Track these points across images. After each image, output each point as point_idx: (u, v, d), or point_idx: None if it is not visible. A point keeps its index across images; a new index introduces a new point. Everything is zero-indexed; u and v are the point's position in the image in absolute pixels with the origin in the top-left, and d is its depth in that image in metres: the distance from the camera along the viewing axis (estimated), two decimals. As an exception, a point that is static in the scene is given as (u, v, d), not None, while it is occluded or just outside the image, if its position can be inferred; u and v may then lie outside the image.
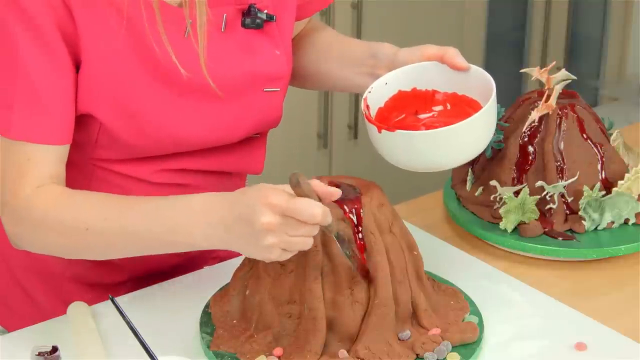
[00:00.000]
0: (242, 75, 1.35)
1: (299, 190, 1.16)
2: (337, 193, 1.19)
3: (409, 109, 1.39)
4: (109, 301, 1.36)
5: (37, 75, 1.25)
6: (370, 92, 1.36)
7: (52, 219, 1.26)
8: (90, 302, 1.39)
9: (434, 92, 1.38)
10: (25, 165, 1.26)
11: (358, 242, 1.24)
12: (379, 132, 1.30)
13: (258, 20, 1.34)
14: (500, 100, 1.37)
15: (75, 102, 1.29)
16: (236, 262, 1.36)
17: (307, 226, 1.15)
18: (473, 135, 1.30)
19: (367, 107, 1.35)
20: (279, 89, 1.39)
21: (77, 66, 1.29)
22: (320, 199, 1.17)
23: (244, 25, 1.34)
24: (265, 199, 1.15)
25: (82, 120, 1.32)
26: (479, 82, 1.34)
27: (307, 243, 1.17)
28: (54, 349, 1.24)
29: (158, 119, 1.32)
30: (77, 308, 1.34)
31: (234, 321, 1.30)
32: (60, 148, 1.29)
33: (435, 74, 1.38)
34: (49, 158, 1.28)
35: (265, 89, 1.38)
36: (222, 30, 1.33)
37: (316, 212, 1.14)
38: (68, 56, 1.26)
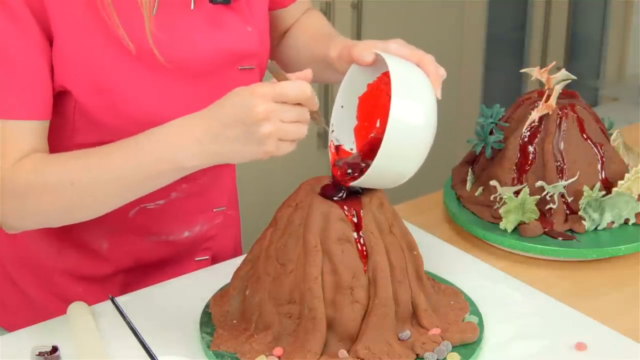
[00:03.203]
0: (213, 52, 1.35)
1: (280, 76, 1.19)
2: (309, 73, 1.21)
3: (383, 100, 1.30)
4: (109, 301, 1.36)
5: (12, 52, 1.25)
6: (333, 131, 1.32)
7: (36, 182, 1.25)
8: (83, 295, 1.39)
9: (385, 74, 1.29)
10: (4, 142, 1.26)
11: (359, 244, 1.24)
12: (346, 185, 1.26)
13: None
14: (500, 100, 1.36)
15: (52, 77, 1.29)
16: (236, 262, 1.36)
17: (298, 108, 1.17)
18: (405, 133, 1.20)
19: (335, 153, 1.29)
20: (254, 67, 1.39)
21: (51, 41, 1.28)
22: None
23: (211, 0, 1.35)
24: (253, 91, 1.16)
25: (58, 102, 1.32)
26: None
27: (301, 130, 1.19)
28: (54, 349, 1.25)
29: (130, 96, 1.31)
30: (77, 308, 1.34)
31: (234, 321, 1.30)
32: (39, 123, 1.28)
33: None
34: (28, 134, 1.27)
35: (239, 67, 1.38)
36: (192, 7, 1.33)
37: (305, 86, 1.17)
38: (40, 32, 1.26)
